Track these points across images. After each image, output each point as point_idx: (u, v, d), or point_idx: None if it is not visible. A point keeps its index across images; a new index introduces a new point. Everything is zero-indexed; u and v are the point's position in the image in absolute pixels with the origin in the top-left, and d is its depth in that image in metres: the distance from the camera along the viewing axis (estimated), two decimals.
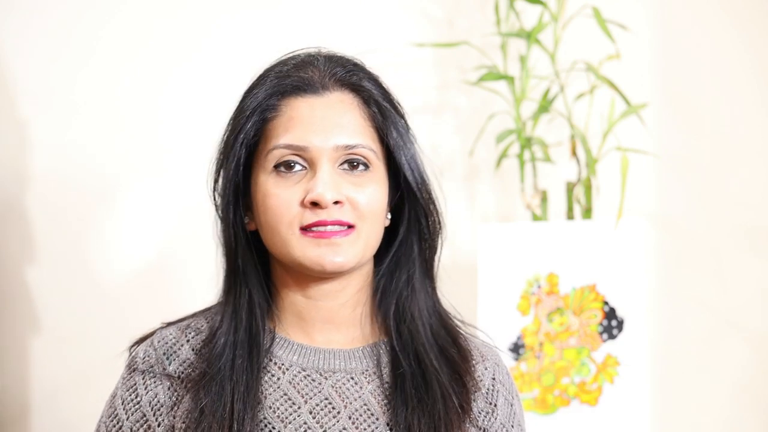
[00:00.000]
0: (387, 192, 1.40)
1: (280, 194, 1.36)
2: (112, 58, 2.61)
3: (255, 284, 1.41)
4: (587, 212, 2.30)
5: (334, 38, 1.65)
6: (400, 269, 1.43)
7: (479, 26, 2.51)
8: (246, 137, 1.38)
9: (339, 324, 1.42)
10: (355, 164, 1.37)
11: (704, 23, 2.44)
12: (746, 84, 2.41)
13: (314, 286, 1.40)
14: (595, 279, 2.19)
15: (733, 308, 2.38)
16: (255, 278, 1.41)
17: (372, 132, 1.39)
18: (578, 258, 2.20)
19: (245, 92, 1.41)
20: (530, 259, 2.23)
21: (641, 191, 2.41)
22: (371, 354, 1.41)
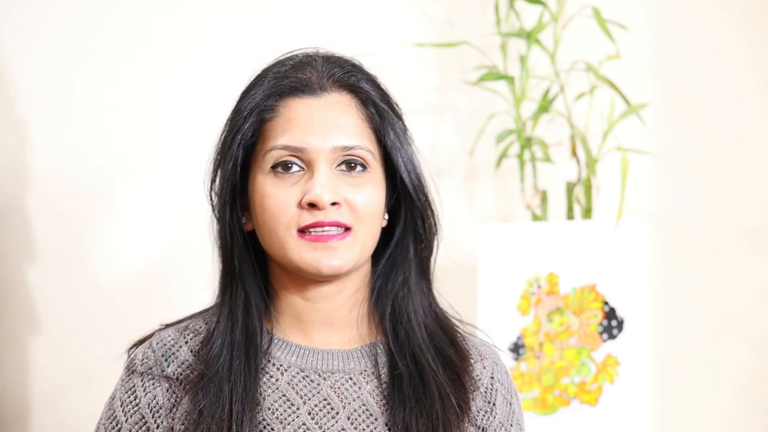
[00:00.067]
0: (384, 193, 1.40)
1: (278, 195, 1.35)
2: (112, 58, 2.61)
3: (252, 285, 1.41)
4: (587, 212, 2.29)
5: (334, 38, 1.65)
6: (396, 270, 1.43)
7: (479, 26, 2.51)
8: (243, 138, 1.38)
9: (337, 325, 1.42)
10: (353, 165, 1.37)
11: (704, 23, 2.44)
12: (746, 84, 2.41)
13: (312, 288, 1.39)
14: (595, 279, 2.19)
15: (733, 308, 2.38)
16: (252, 279, 1.41)
17: (370, 133, 1.39)
18: (578, 258, 2.20)
19: (243, 92, 1.41)
20: (530, 259, 2.23)
21: (641, 191, 2.41)
22: (369, 354, 1.41)
